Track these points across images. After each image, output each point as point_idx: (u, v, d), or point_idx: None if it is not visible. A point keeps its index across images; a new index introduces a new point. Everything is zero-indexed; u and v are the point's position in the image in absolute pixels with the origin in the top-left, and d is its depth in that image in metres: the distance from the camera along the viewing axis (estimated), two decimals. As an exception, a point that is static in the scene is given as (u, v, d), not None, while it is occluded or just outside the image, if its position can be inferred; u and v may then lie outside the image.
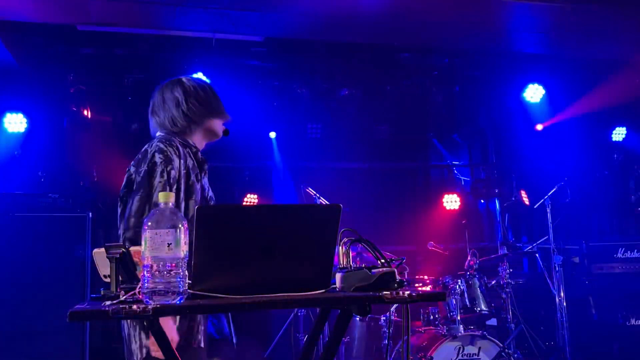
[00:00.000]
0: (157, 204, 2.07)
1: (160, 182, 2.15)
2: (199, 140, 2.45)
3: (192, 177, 2.30)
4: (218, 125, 2.48)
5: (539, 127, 6.82)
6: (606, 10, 4.98)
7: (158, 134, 2.40)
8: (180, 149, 2.30)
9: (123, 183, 2.24)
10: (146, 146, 2.29)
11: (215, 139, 2.52)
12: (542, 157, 7.23)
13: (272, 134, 6.50)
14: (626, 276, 5.74)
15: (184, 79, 2.46)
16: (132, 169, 2.24)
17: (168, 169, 2.19)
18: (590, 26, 5.29)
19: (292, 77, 6.11)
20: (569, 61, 6.34)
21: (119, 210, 2.23)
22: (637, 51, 5.93)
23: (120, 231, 2.16)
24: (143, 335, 2.09)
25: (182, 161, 2.26)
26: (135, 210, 2.12)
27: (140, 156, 2.26)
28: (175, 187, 2.21)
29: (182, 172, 2.25)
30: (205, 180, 2.45)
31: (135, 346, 2.10)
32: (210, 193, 2.45)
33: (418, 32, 5.37)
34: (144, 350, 2.07)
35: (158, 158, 2.20)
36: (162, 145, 2.24)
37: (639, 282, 5.72)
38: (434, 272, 5.27)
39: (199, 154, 2.41)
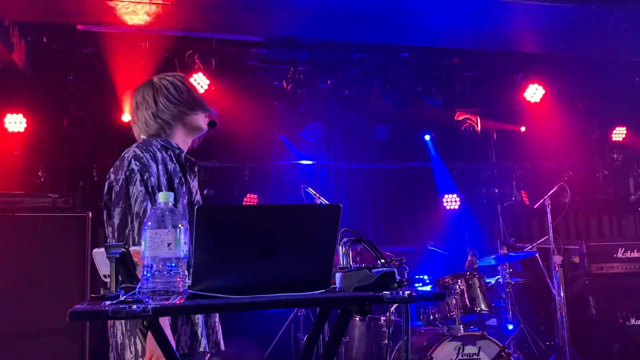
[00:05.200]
0: (138, 214, 2.08)
1: (141, 191, 2.11)
2: (182, 139, 2.38)
3: (176, 181, 2.26)
4: (199, 119, 2.39)
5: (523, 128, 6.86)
6: (606, 10, 4.98)
7: (142, 137, 2.36)
8: (158, 153, 2.24)
9: (105, 189, 2.20)
10: (124, 152, 2.24)
11: (200, 133, 2.44)
12: (542, 157, 7.24)
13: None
14: (626, 276, 5.74)
15: (155, 79, 2.40)
16: (112, 176, 2.19)
17: (145, 177, 2.14)
18: (590, 26, 5.29)
19: (292, 77, 6.10)
20: (569, 61, 6.34)
21: (104, 216, 2.21)
22: (637, 51, 5.93)
23: (111, 242, 2.15)
24: (139, 346, 2.06)
25: (160, 166, 2.21)
26: (118, 224, 2.10)
27: (118, 162, 2.21)
28: (157, 195, 2.14)
29: (162, 177, 2.21)
30: (195, 184, 2.39)
31: (129, 355, 2.07)
32: (198, 197, 2.39)
33: (418, 31, 5.37)
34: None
35: (135, 165, 2.15)
36: (138, 151, 2.19)
37: (639, 282, 5.72)
38: (434, 272, 5.27)
39: (183, 155, 2.34)
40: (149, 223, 1.49)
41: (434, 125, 6.83)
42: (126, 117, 5.62)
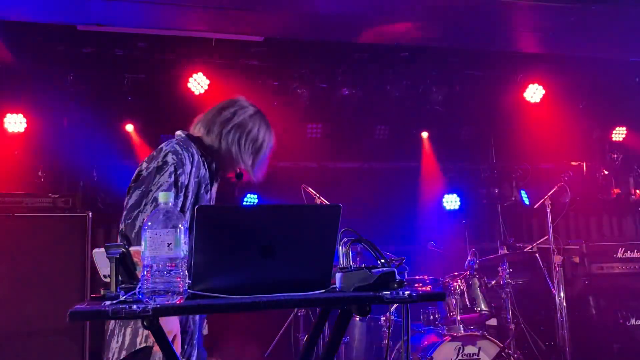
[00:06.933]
0: (155, 199, 2.07)
1: (166, 181, 2.13)
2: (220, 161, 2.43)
3: (202, 188, 2.30)
4: (233, 164, 2.44)
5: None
6: (606, 10, 4.98)
7: (178, 133, 2.39)
8: (196, 156, 2.28)
9: (133, 176, 2.23)
10: (163, 144, 2.27)
11: (222, 173, 2.50)
12: (542, 157, 7.24)
13: None
14: (626, 276, 5.74)
15: (259, 114, 2.44)
16: (144, 165, 2.22)
17: (178, 172, 2.16)
18: (590, 26, 5.29)
19: (292, 77, 6.10)
20: (569, 61, 6.34)
21: (125, 203, 2.22)
22: (636, 51, 5.93)
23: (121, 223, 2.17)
24: (127, 338, 2.07)
25: (194, 169, 2.24)
26: (131, 204, 2.11)
27: (154, 153, 2.25)
28: (182, 193, 2.18)
29: (193, 180, 2.24)
30: (215, 190, 2.44)
31: (115, 345, 2.08)
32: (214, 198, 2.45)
33: (418, 31, 5.37)
34: (123, 353, 2.05)
35: (171, 159, 2.18)
36: (177, 148, 2.23)
37: (639, 282, 5.72)
38: (434, 272, 5.26)
39: (214, 164, 2.39)
40: (149, 223, 1.49)
41: (434, 125, 6.82)
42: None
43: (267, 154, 2.45)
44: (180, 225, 1.50)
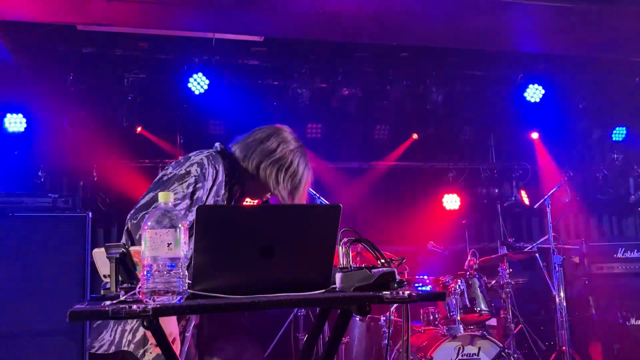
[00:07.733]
0: None
1: (182, 191, 2.13)
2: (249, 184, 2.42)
3: None
4: (261, 194, 2.44)
5: (535, 134, 6.93)
6: (606, 10, 4.98)
7: (216, 145, 2.39)
8: (220, 176, 2.27)
9: (155, 179, 2.25)
10: (193, 153, 2.27)
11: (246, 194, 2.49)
12: (542, 157, 7.24)
13: None
14: (626, 276, 5.74)
15: (301, 151, 2.41)
16: (169, 169, 2.23)
17: (197, 186, 2.16)
18: (590, 26, 5.29)
19: (292, 77, 6.11)
20: (569, 61, 6.34)
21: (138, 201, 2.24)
22: (637, 51, 5.93)
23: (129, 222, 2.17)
24: (117, 335, 2.07)
25: (215, 187, 2.24)
26: (142, 204, 2.12)
27: (182, 160, 2.25)
28: (196, 207, 2.18)
29: (212, 199, 2.23)
30: None
31: (107, 337, 2.09)
32: None
33: (418, 31, 5.37)
34: (112, 348, 2.06)
35: (195, 170, 2.18)
36: (205, 162, 2.22)
37: (639, 282, 5.72)
38: (434, 272, 5.26)
39: (235, 188, 2.37)
40: (149, 223, 1.49)
41: (434, 125, 6.82)
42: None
43: (305, 189, 2.43)
44: (180, 225, 1.50)
